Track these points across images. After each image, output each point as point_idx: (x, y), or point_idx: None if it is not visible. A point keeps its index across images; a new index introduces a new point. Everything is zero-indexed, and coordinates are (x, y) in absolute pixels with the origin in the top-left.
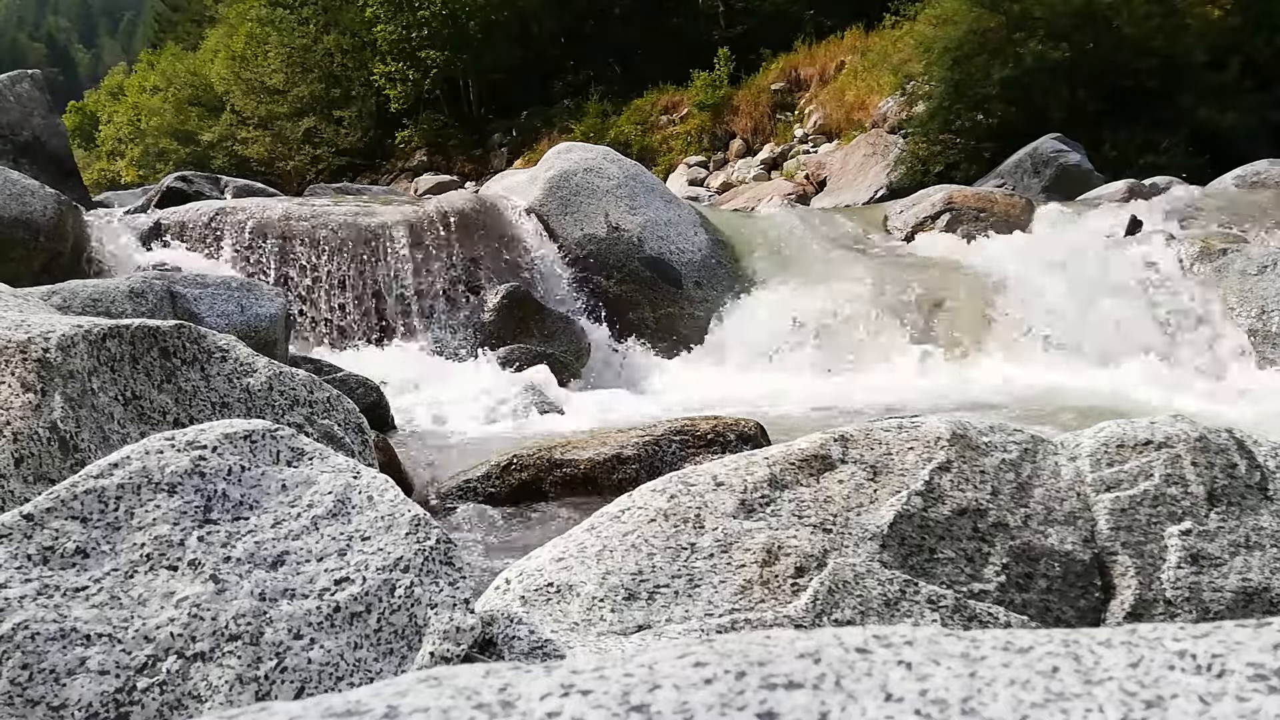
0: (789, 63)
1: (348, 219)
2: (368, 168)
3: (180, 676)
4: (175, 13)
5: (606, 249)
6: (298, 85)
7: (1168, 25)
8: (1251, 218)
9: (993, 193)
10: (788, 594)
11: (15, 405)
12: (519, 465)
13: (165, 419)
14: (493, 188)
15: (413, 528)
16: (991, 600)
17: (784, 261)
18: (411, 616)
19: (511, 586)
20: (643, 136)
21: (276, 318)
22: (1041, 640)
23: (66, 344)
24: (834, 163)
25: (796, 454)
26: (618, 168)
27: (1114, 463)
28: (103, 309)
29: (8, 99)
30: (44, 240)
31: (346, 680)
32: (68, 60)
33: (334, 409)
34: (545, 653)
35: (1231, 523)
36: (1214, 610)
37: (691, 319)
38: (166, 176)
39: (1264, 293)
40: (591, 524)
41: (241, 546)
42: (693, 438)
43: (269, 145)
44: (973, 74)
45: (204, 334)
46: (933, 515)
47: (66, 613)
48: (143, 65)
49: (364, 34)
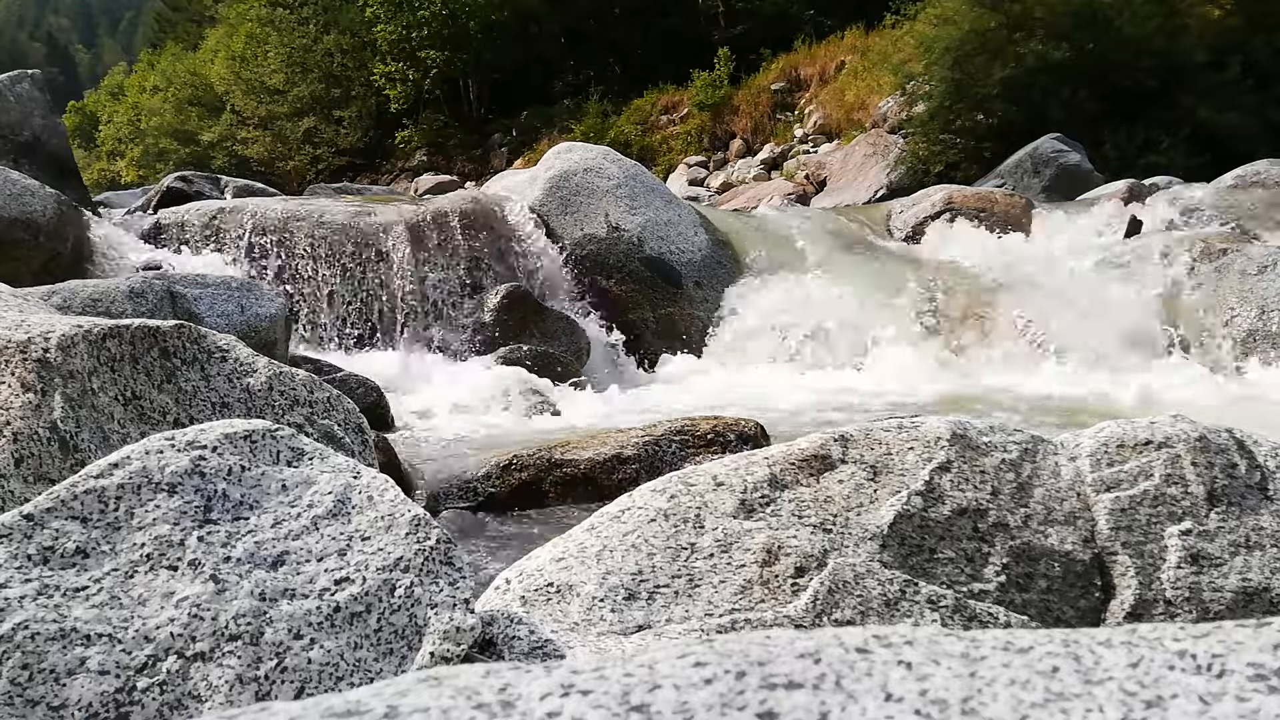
0: (789, 63)
1: (348, 219)
2: (368, 168)
3: (180, 676)
4: (175, 13)
5: (606, 249)
6: (298, 85)
7: (1168, 25)
8: (1251, 218)
9: (993, 192)
10: (788, 594)
11: (15, 405)
12: (519, 465)
13: (165, 419)
14: (493, 188)
15: (413, 528)
16: (991, 600)
17: (784, 262)
18: (411, 616)
19: (511, 586)
20: (643, 136)
21: (276, 318)
22: (1041, 640)
23: (66, 344)
24: (834, 163)
25: (796, 454)
26: (618, 168)
27: (1114, 463)
28: (103, 309)
29: (8, 99)
30: (44, 240)
31: (346, 680)
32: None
33: (334, 409)
34: (545, 653)
35: (1231, 523)
36: (1214, 610)
37: (691, 319)
38: (166, 176)
39: (1264, 293)
40: (591, 524)
41: (241, 546)
42: (693, 438)
43: (269, 145)
44: (973, 74)
45: (204, 334)
46: (933, 515)
47: (66, 613)
48: (143, 65)
49: (364, 34)
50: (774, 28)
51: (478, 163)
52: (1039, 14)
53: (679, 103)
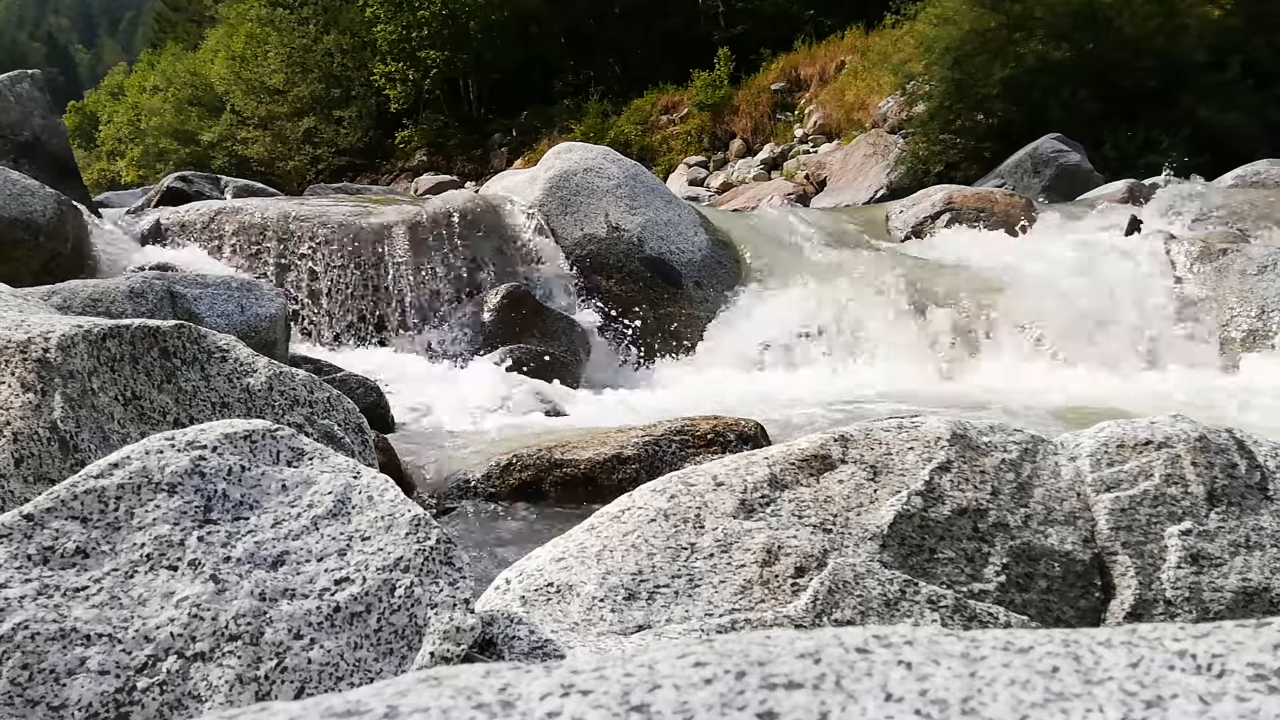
0: (789, 63)
1: (348, 219)
2: (368, 168)
3: (180, 676)
4: (175, 13)
5: (606, 249)
6: (298, 85)
7: (1168, 25)
8: (1251, 218)
9: (993, 192)
10: (788, 594)
11: (15, 405)
12: (519, 465)
13: (165, 419)
14: (493, 188)
15: (413, 528)
16: (991, 600)
17: (784, 262)
18: (412, 616)
19: (511, 586)
20: (643, 136)
21: (276, 318)
22: (1041, 640)
23: (66, 344)
24: (834, 163)
25: (796, 454)
26: (618, 168)
27: (1114, 463)
28: (103, 309)
29: (8, 99)
30: (44, 240)
31: (346, 680)
32: (68, 60)
33: (334, 409)
34: (545, 653)
35: (1231, 523)
36: (1214, 610)
37: (691, 319)
38: (166, 176)
39: (1264, 293)
40: (591, 524)
41: (241, 546)
42: (693, 438)
43: (269, 145)
44: (973, 74)
45: (204, 334)
46: (933, 515)
47: (66, 613)
48: (143, 65)
49: (364, 34)
50: (774, 28)
51: (478, 163)
52: (1039, 14)
53: (679, 103)
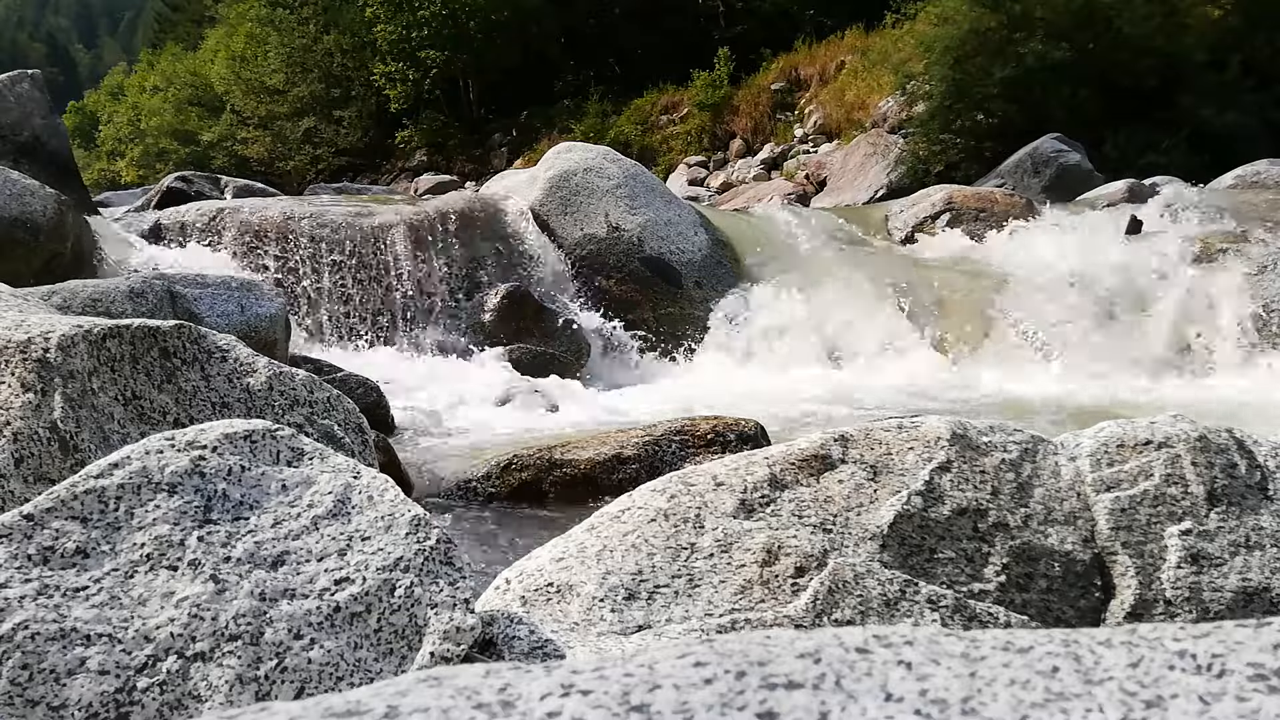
0: (789, 62)
1: (348, 219)
2: (368, 168)
3: (180, 676)
4: (175, 13)
5: (606, 249)
6: (298, 85)
7: (1168, 25)
8: (1251, 218)
9: (993, 192)
10: (788, 594)
11: (15, 405)
12: (519, 465)
13: (165, 419)
14: (493, 188)
15: (413, 528)
16: (991, 600)
17: (784, 261)
18: (411, 616)
19: (511, 586)
20: (643, 136)
21: (276, 318)
22: (1041, 640)
23: (66, 344)
24: (834, 162)
25: (796, 454)
26: (618, 168)
27: (1114, 463)
28: (103, 309)
29: (8, 99)
30: (44, 240)
31: (346, 680)
32: (68, 60)
33: (334, 409)
34: (545, 653)
35: (1231, 523)
36: (1214, 610)
37: (691, 319)
38: (166, 176)
39: (1264, 293)
40: (591, 524)
41: (241, 546)
42: (693, 438)
43: (269, 145)
44: (973, 73)
45: (204, 334)
46: (933, 515)
47: (66, 613)
48: (143, 65)
49: (364, 34)
50: (774, 28)
51: (478, 163)
52: (1039, 14)
53: (679, 103)
